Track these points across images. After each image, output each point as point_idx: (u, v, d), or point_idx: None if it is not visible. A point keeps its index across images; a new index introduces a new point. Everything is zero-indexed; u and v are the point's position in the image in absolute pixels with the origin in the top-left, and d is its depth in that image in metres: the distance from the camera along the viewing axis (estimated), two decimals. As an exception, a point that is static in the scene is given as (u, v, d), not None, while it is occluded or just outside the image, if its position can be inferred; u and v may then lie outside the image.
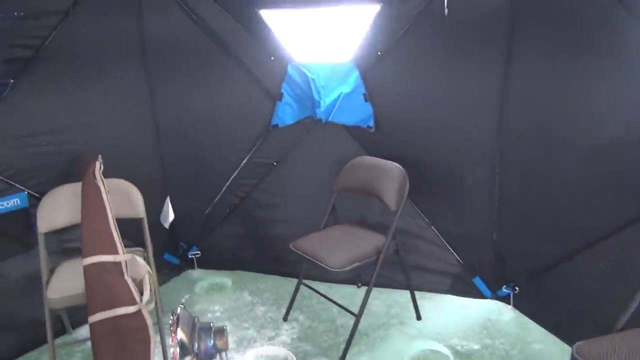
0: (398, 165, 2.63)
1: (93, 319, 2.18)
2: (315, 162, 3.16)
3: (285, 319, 2.85)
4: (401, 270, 2.78)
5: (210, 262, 3.50)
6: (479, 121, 2.63)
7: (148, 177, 3.00)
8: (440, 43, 2.61)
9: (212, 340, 1.52)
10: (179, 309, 1.56)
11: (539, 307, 2.64)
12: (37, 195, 2.68)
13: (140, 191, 2.56)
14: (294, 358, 1.73)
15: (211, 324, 1.58)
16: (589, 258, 2.31)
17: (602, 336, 1.66)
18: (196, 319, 1.60)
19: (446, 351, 2.48)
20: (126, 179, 2.58)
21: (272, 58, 2.95)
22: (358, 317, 2.50)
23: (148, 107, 3.07)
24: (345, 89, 2.90)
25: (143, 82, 3.03)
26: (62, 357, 2.56)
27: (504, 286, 2.79)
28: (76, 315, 2.78)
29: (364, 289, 3.08)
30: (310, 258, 2.52)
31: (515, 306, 2.78)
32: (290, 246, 2.64)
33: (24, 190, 2.65)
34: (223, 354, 1.56)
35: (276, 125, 3.11)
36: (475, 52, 2.51)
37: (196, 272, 3.48)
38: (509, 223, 2.68)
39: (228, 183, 3.26)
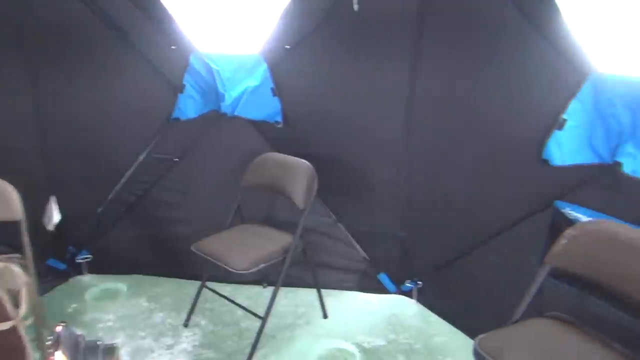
0: (306, 162, 2.57)
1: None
2: (220, 159, 3.01)
3: (186, 324, 2.68)
4: (308, 268, 2.74)
5: (103, 267, 3.20)
6: (387, 119, 2.65)
7: (28, 175, 2.65)
8: (349, 39, 2.58)
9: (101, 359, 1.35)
10: (58, 327, 1.37)
11: (440, 300, 2.73)
12: None
13: (18, 190, 2.26)
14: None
15: (99, 342, 1.40)
16: (485, 252, 2.42)
17: (502, 328, 1.72)
18: (81, 338, 1.41)
19: (352, 349, 2.48)
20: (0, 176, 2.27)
21: (173, 47, 2.74)
22: (264, 319, 2.41)
23: (28, 98, 2.73)
24: (253, 82, 2.78)
25: (21, 70, 2.69)
26: None
27: (408, 281, 2.85)
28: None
29: (270, 289, 3.00)
30: (213, 260, 2.38)
31: (419, 300, 2.85)
32: (192, 248, 2.49)
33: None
34: (112, 372, 1.39)
35: (177, 119, 2.91)
36: (384, 49, 2.52)
37: (86, 278, 3.17)
38: (414, 219, 2.73)
39: (124, 180, 3.01)
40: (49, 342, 1.36)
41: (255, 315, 2.47)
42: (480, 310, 2.44)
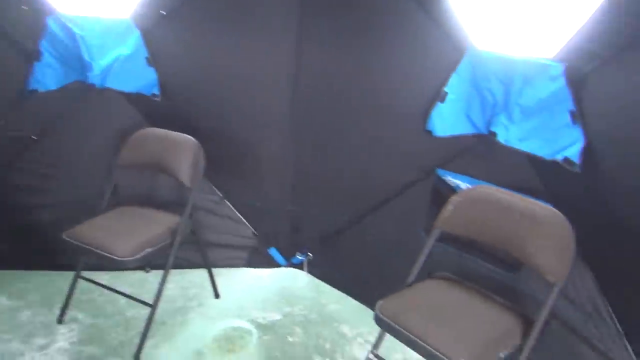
0: (191, 137, 2.42)
1: None
2: (88, 136, 2.70)
3: (60, 320, 2.41)
4: (195, 248, 2.62)
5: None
6: (272, 92, 2.59)
7: None
8: (231, 6, 2.45)
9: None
10: None
11: (331, 270, 2.81)
12: None
13: None
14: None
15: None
16: (372, 221, 2.53)
17: (398, 292, 1.82)
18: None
19: (248, 326, 2.45)
20: None
21: (24, 7, 2.37)
22: (154, 306, 2.26)
23: None
24: (124, 50, 2.52)
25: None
26: None
27: (298, 254, 2.88)
28: None
29: (154, 273, 2.84)
30: (90, 248, 2.16)
31: (310, 272, 2.90)
32: (64, 236, 2.23)
33: None
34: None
35: (35, 91, 2.54)
36: (267, 19, 2.43)
37: None
38: (303, 192, 2.75)
39: (-32, 164, 2.58)
40: None
41: (142, 302, 2.31)
42: (369, 277, 2.56)
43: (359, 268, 2.64)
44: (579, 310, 1.85)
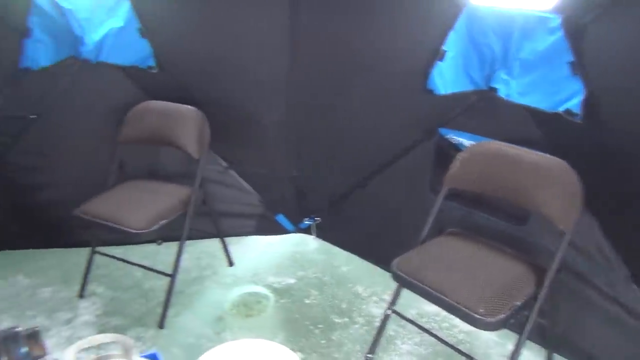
0: (194, 108, 2.41)
1: None
2: (87, 112, 2.66)
3: (81, 295, 2.46)
4: (205, 219, 2.65)
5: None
6: (270, 58, 2.54)
7: None
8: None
9: (24, 348, 1.19)
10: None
11: (340, 233, 2.86)
12: None
13: None
14: (129, 341, 1.48)
15: (18, 329, 1.23)
16: (379, 183, 2.57)
17: (412, 250, 1.88)
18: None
19: (264, 291, 2.52)
20: None
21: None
22: (173, 275, 2.31)
23: None
24: (116, 22, 2.46)
25: None
26: None
27: (306, 219, 2.93)
28: None
29: (165, 245, 2.86)
30: (105, 223, 2.18)
31: (318, 236, 2.95)
32: (76, 212, 2.24)
33: None
34: (42, 361, 1.25)
35: (27, 69, 2.49)
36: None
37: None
38: (308, 158, 2.76)
39: (-32, 147, 2.55)
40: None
41: (160, 273, 2.36)
42: (378, 238, 2.63)
43: (368, 229, 2.69)
44: (587, 258, 1.93)
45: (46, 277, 2.63)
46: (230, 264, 2.72)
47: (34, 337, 1.23)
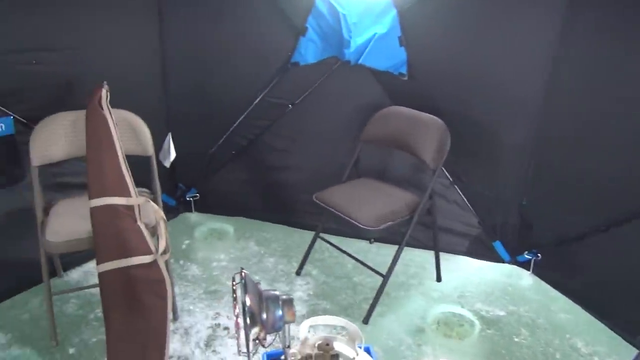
0: (438, 119, 2.43)
1: (102, 268, 1.94)
2: (335, 108, 2.91)
3: (298, 273, 2.69)
4: (421, 228, 2.66)
5: (209, 206, 3.27)
6: (525, 76, 2.44)
7: (150, 110, 2.63)
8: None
9: (280, 311, 1.33)
10: (243, 273, 1.35)
11: (563, 276, 2.58)
12: (24, 121, 2.34)
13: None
14: (358, 331, 1.56)
15: (277, 293, 1.38)
16: (628, 230, 2.24)
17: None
18: (259, 285, 1.40)
19: (469, 315, 2.41)
20: (129, 110, 2.28)
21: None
22: (386, 277, 2.37)
23: (156, 32, 2.70)
24: (380, 29, 2.62)
25: (153, 3, 2.64)
26: (55, 304, 2.28)
27: (526, 252, 2.72)
28: (67, 256, 2.53)
29: (376, 245, 2.97)
30: (337, 212, 2.33)
31: (535, 273, 2.72)
32: (314, 197, 2.45)
33: (9, 115, 2.30)
34: (287, 326, 1.38)
35: (296, 63, 2.82)
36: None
37: (194, 216, 3.24)
38: (541, 188, 2.56)
39: (237, 123, 2.98)
40: (234, 287, 1.35)
41: (374, 271, 2.44)
42: (611, 291, 2.30)
43: (598, 279, 2.37)
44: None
45: (270, 248, 2.93)
46: (439, 279, 2.68)
47: (287, 303, 1.36)
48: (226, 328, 2.28)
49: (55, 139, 2.19)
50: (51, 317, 2.16)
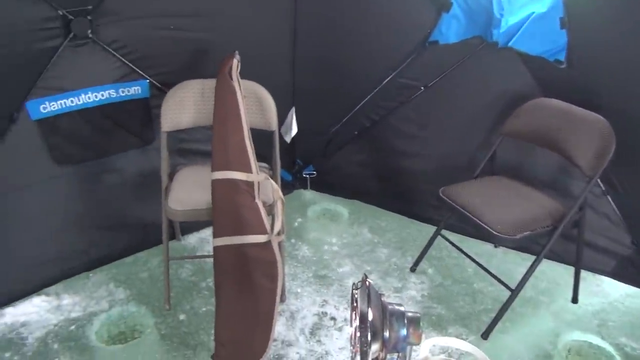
0: (601, 117, 2.06)
1: (218, 242, 1.92)
2: (472, 95, 2.61)
3: (413, 269, 2.51)
4: (562, 240, 2.31)
5: (324, 186, 3.17)
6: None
7: (277, 83, 2.56)
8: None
9: (405, 331, 1.17)
10: (367, 281, 1.20)
11: None
12: (159, 85, 2.38)
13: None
14: (487, 360, 1.36)
15: (403, 309, 1.22)
16: None
17: None
18: (383, 298, 1.24)
19: (611, 350, 2.07)
20: (256, 82, 2.22)
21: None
22: (515, 292, 2.09)
23: (291, 2, 2.59)
24: (539, 8, 2.26)
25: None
26: (171, 266, 2.34)
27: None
28: (186, 222, 2.59)
29: (502, 249, 2.67)
30: (466, 213, 2.09)
31: (702, 312, 2.28)
32: (440, 192, 2.23)
33: (146, 79, 2.35)
34: (409, 348, 1.21)
35: (435, 42, 2.55)
36: None
37: (308, 194, 3.18)
38: None
39: (363, 102, 2.81)
40: (355, 294, 1.20)
41: (501, 282, 2.18)
42: None
43: None
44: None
45: (384, 238, 2.77)
46: (575, 300, 2.33)
47: (414, 322, 1.18)
48: (333, 318, 2.18)
49: (185, 107, 2.21)
50: (167, 282, 2.22)
